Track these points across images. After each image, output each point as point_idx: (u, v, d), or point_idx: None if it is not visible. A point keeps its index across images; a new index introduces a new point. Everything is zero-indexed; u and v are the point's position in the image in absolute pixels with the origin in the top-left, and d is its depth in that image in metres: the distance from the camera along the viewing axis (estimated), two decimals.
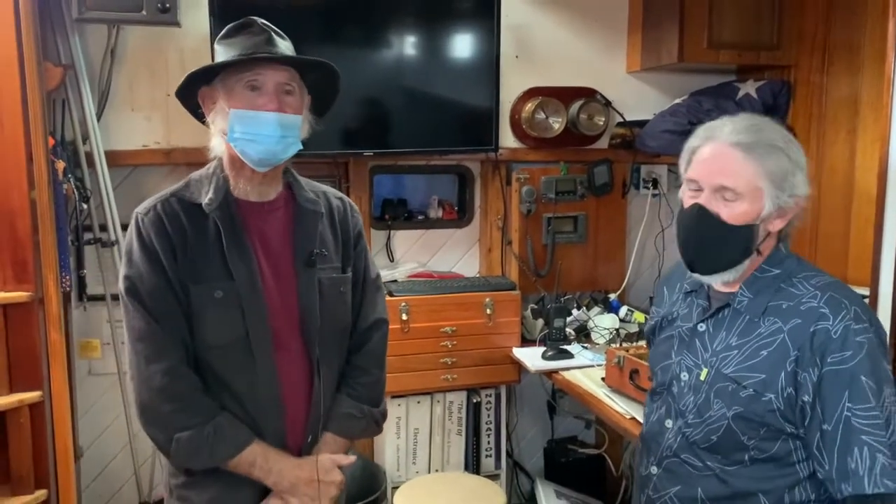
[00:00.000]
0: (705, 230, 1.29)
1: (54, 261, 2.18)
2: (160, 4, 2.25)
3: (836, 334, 1.21)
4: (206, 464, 1.43)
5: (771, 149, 1.25)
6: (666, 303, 1.52)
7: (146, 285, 1.42)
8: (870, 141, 2.50)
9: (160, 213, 1.44)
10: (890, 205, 1.86)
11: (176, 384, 1.41)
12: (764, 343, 1.28)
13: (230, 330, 1.44)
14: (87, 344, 2.66)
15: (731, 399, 1.29)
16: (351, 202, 1.66)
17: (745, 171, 1.26)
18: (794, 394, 1.24)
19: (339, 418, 1.57)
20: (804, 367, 1.23)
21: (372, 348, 1.64)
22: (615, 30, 2.97)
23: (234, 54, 1.41)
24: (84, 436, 2.67)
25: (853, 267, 2.55)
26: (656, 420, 1.44)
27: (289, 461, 1.48)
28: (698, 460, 1.35)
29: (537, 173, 2.90)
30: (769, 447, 1.28)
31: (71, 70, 2.42)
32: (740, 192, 1.26)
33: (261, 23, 1.44)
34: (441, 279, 2.90)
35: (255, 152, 1.42)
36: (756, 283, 1.32)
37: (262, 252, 1.49)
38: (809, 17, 2.74)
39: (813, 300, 1.26)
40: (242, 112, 1.40)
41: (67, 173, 2.35)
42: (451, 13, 2.72)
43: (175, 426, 1.41)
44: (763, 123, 1.29)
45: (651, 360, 1.53)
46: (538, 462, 3.17)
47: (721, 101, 2.81)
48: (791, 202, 1.27)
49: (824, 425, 1.21)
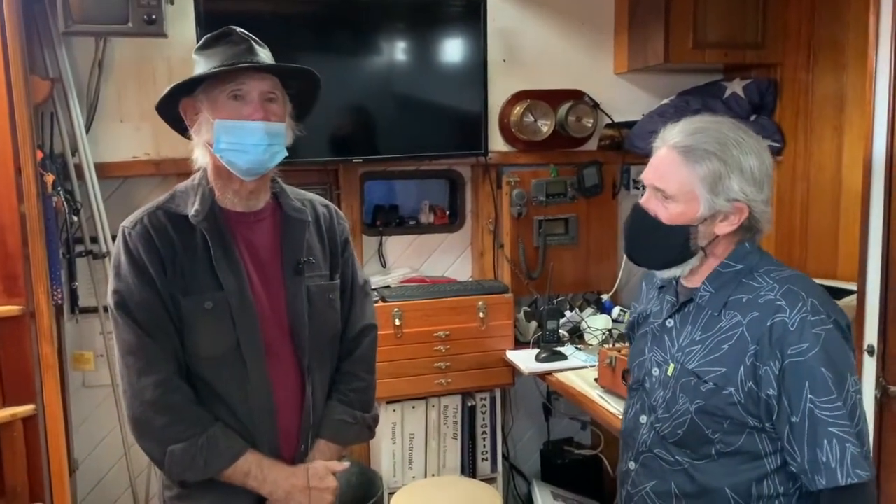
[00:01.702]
0: (640, 228, 1.36)
1: (45, 274, 2.18)
2: (146, 16, 2.25)
3: (794, 326, 1.22)
4: (200, 475, 1.42)
5: (704, 153, 1.27)
6: (643, 299, 1.54)
7: (136, 299, 1.41)
8: (856, 138, 2.51)
9: (147, 227, 1.44)
10: (875, 201, 1.87)
11: (168, 397, 1.41)
12: (725, 337, 1.29)
13: (222, 340, 1.44)
14: (81, 356, 2.65)
15: (694, 393, 1.31)
16: (337, 209, 1.67)
17: (678, 174, 1.29)
18: (754, 388, 1.25)
19: (331, 425, 1.57)
20: (764, 360, 1.24)
21: (362, 354, 1.64)
22: (601, 32, 2.98)
23: (215, 64, 1.41)
24: (79, 448, 2.67)
25: (843, 263, 2.57)
26: (633, 416, 1.46)
27: (284, 470, 1.48)
28: (669, 455, 1.36)
29: (527, 176, 2.91)
30: (734, 440, 1.28)
31: (59, 83, 2.42)
32: (673, 195, 1.29)
33: (240, 32, 1.45)
34: (434, 284, 2.90)
35: (243, 162, 1.42)
36: (719, 278, 1.34)
37: (251, 262, 1.49)
38: (794, 15, 2.76)
39: (770, 293, 1.27)
40: (228, 122, 1.40)
41: (57, 186, 2.35)
42: (438, 19, 2.73)
43: (169, 439, 1.40)
44: (709, 126, 1.30)
45: (630, 356, 1.55)
46: (535, 464, 3.18)
47: (708, 101, 2.82)
48: (728, 206, 1.27)
49: (793, 418, 1.22)
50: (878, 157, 1.87)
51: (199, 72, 1.43)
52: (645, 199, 1.34)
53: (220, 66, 1.40)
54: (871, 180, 1.89)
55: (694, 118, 1.33)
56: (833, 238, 2.64)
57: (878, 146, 1.86)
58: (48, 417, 2.20)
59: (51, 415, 2.20)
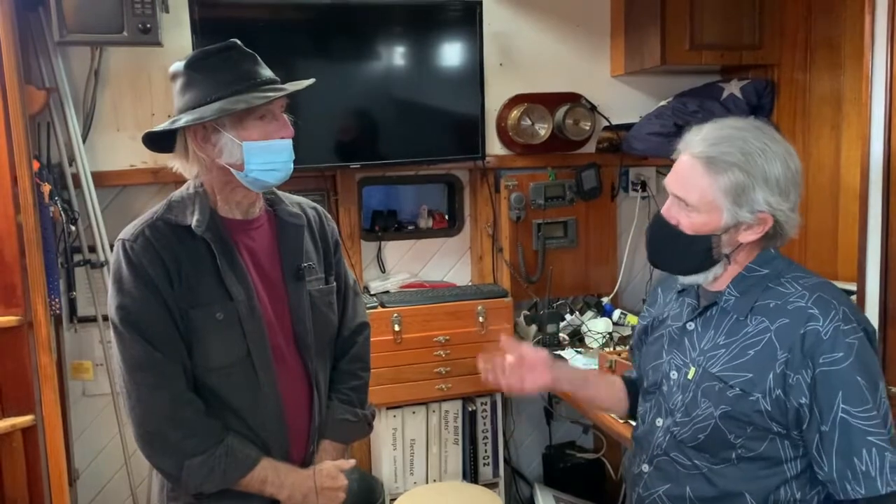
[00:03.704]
0: (661, 237, 1.34)
1: (42, 284, 2.17)
2: (141, 25, 2.25)
3: (827, 335, 1.21)
4: (219, 486, 1.43)
5: (727, 165, 1.24)
6: (659, 304, 1.53)
7: (143, 314, 1.39)
8: (853, 137, 2.50)
9: (150, 238, 1.41)
10: (873, 201, 1.86)
11: (182, 410, 1.41)
12: (751, 342, 1.28)
13: (232, 350, 1.44)
14: (80, 366, 2.65)
15: (719, 398, 1.29)
16: (325, 211, 1.68)
17: (701, 185, 1.26)
18: (782, 396, 1.24)
19: (335, 425, 1.60)
20: (795, 369, 1.22)
21: (357, 352, 1.68)
22: (598, 34, 2.98)
23: (229, 81, 1.38)
24: (80, 458, 2.66)
25: (842, 263, 2.56)
26: (650, 419, 1.45)
27: (299, 473, 1.50)
28: (686, 459, 1.35)
29: (525, 180, 2.91)
30: (756, 446, 1.28)
31: (55, 92, 2.42)
32: (694, 204, 1.28)
33: (241, 45, 1.43)
34: (433, 289, 2.90)
35: (273, 179, 1.44)
36: (744, 282, 1.32)
37: (254, 269, 1.49)
38: (790, 16, 2.75)
39: (801, 300, 1.26)
40: (260, 144, 1.40)
41: (54, 196, 2.35)
42: (434, 23, 2.73)
43: (185, 453, 1.40)
44: (733, 133, 1.27)
45: (643, 360, 1.54)
46: (537, 468, 3.17)
47: (706, 102, 2.82)
48: (751, 217, 1.26)
49: (822, 427, 1.21)
50: (876, 157, 1.86)
51: (200, 90, 1.38)
52: (667, 206, 1.33)
53: (245, 87, 1.38)
54: (868, 180, 1.88)
55: (718, 123, 1.30)
56: (832, 238, 2.63)
57: (876, 146, 1.85)
58: (47, 428, 2.20)
59: (50, 425, 2.20)
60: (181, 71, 1.41)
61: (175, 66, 1.43)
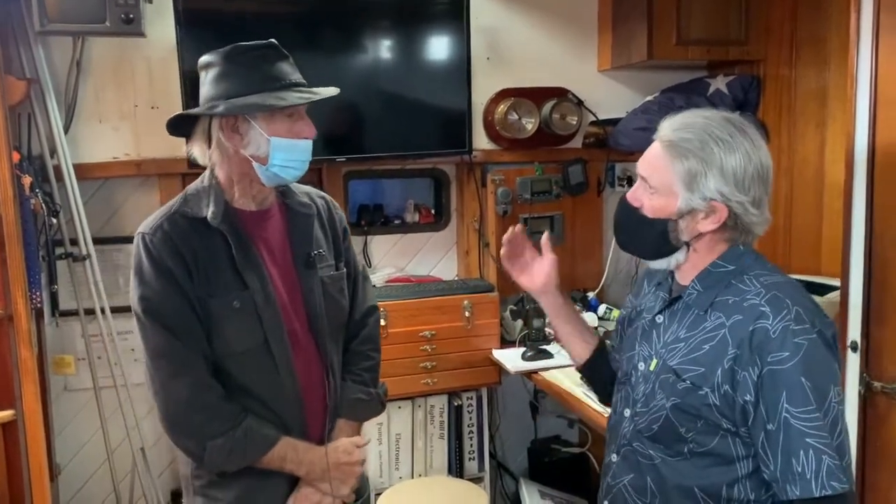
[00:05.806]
0: (624, 217, 1.38)
1: (22, 277, 2.14)
2: (124, 15, 2.22)
3: (775, 334, 1.20)
4: (240, 465, 1.50)
5: (684, 150, 1.26)
6: (641, 293, 1.54)
7: (163, 304, 1.46)
8: (838, 133, 2.52)
9: (169, 232, 1.47)
10: (857, 196, 1.87)
11: (203, 395, 1.48)
12: (707, 337, 1.29)
13: (250, 337, 1.50)
14: (61, 360, 2.62)
15: (671, 390, 1.30)
16: (332, 199, 1.74)
17: (660, 168, 1.29)
18: (730, 392, 1.24)
19: (349, 404, 1.67)
20: (743, 365, 1.22)
21: (368, 334, 1.75)
22: (585, 29, 2.98)
23: (268, 77, 1.43)
24: (61, 453, 2.64)
25: (826, 259, 2.58)
26: (619, 409, 1.46)
27: (317, 451, 1.58)
28: (645, 449, 1.36)
29: (512, 174, 2.90)
30: (707, 441, 1.28)
31: (36, 83, 2.39)
32: (655, 187, 1.30)
33: (279, 46, 1.48)
34: (419, 283, 2.89)
35: (290, 177, 1.51)
36: (708, 277, 1.33)
37: (268, 258, 1.55)
38: (776, 12, 2.76)
39: (756, 297, 1.25)
40: (285, 141, 1.46)
41: (35, 188, 2.32)
42: (421, 17, 2.71)
43: (206, 435, 1.47)
44: (696, 121, 1.29)
45: (621, 350, 1.55)
46: (522, 462, 3.17)
47: (692, 98, 2.82)
48: (703, 204, 1.27)
49: (769, 425, 1.20)
50: (860, 153, 1.87)
51: (237, 81, 1.43)
52: (634, 188, 1.36)
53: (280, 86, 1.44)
54: (853, 175, 1.89)
55: (692, 112, 1.32)
56: (817, 233, 2.64)
57: (860, 141, 1.86)
58: (28, 423, 2.17)
59: (30, 420, 2.17)
60: (218, 60, 1.46)
61: (209, 56, 1.47)
